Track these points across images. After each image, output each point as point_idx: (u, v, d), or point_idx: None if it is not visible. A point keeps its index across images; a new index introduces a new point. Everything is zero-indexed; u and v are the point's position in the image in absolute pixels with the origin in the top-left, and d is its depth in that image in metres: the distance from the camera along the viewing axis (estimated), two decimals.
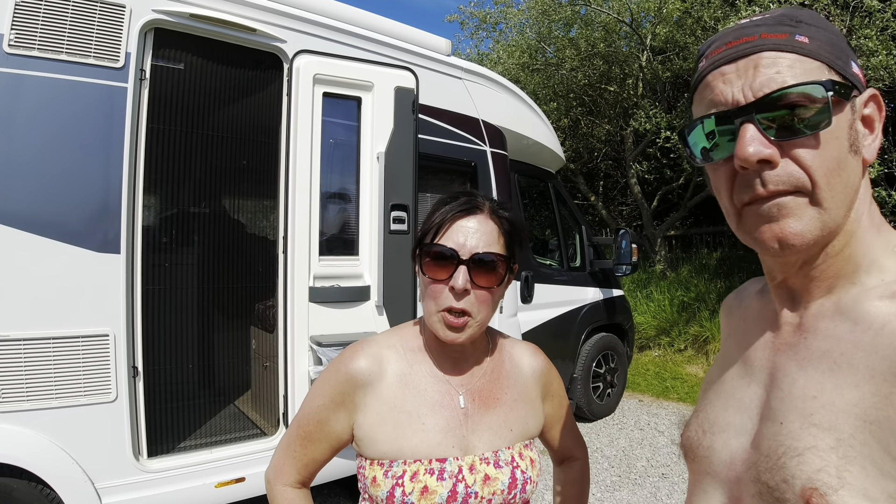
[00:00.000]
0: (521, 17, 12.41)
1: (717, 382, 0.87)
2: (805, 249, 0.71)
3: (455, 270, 1.11)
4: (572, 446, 1.42)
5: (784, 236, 0.70)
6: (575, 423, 1.42)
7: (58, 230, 2.60)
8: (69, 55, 2.63)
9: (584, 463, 1.44)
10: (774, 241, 0.70)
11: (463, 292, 1.10)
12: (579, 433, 1.44)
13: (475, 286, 1.11)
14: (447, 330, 1.13)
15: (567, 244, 6.09)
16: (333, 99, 3.45)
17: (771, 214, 0.70)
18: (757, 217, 0.71)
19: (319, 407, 1.19)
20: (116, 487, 2.74)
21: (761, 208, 0.71)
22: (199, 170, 3.83)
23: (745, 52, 0.71)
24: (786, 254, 0.71)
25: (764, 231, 0.71)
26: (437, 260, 1.12)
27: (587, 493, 1.43)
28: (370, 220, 3.52)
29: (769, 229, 0.71)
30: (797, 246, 0.70)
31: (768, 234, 0.71)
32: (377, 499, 1.11)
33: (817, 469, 0.64)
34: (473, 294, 1.11)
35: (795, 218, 0.69)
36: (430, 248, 1.14)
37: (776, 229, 0.70)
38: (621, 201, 14.33)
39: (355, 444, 1.19)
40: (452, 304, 1.11)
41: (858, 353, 0.67)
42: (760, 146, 0.68)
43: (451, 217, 1.14)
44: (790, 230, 0.69)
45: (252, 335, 4.33)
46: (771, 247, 0.71)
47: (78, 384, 2.63)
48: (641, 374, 7.82)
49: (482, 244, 1.12)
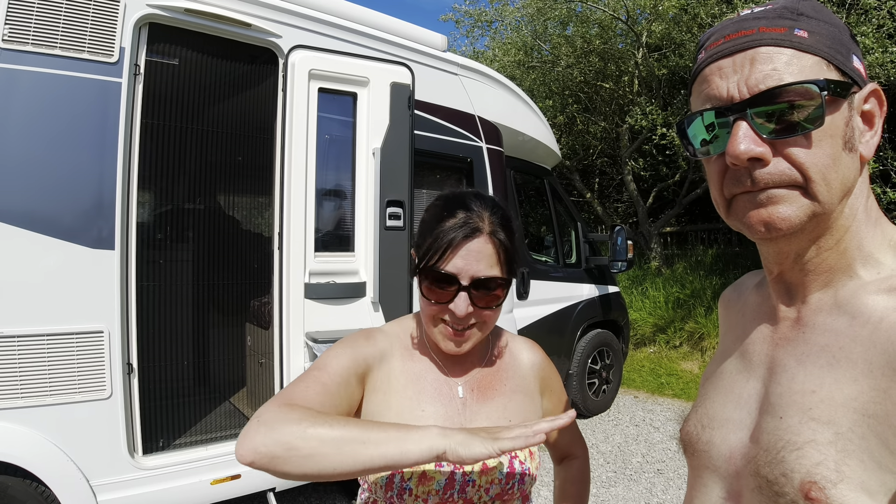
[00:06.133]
0: (516, 15, 12.40)
1: (715, 377, 0.88)
2: (792, 235, 0.71)
3: (455, 295, 1.12)
4: (572, 444, 1.41)
5: (772, 220, 0.70)
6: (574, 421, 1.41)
7: (51, 226, 2.59)
8: (63, 50, 2.61)
9: (584, 461, 1.43)
10: (761, 224, 0.70)
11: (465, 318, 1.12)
12: (579, 431, 1.43)
13: (476, 307, 1.13)
14: (447, 341, 1.16)
15: (563, 241, 6.09)
16: (329, 94, 3.44)
17: (760, 201, 0.70)
18: (747, 203, 0.72)
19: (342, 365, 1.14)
20: (112, 485, 2.73)
21: (752, 197, 0.71)
22: (193, 166, 3.81)
23: (742, 46, 0.70)
24: (773, 237, 0.71)
25: (752, 216, 0.71)
26: (437, 283, 1.13)
27: (587, 492, 1.41)
28: (366, 216, 3.52)
29: (757, 213, 0.71)
30: (783, 230, 0.70)
31: (755, 219, 0.71)
32: (376, 486, 1.12)
33: (816, 463, 0.64)
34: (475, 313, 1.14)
35: (785, 204, 0.69)
36: (430, 272, 1.13)
37: (764, 214, 0.70)
38: (617, 198, 14.36)
39: None
40: (454, 325, 1.14)
41: (857, 347, 0.67)
42: (752, 144, 0.68)
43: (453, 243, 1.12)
44: (778, 214, 0.69)
45: (247, 332, 4.32)
46: (758, 230, 0.71)
47: (72, 381, 2.62)
48: (637, 370, 7.84)
49: (483, 268, 1.12)
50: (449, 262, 1.12)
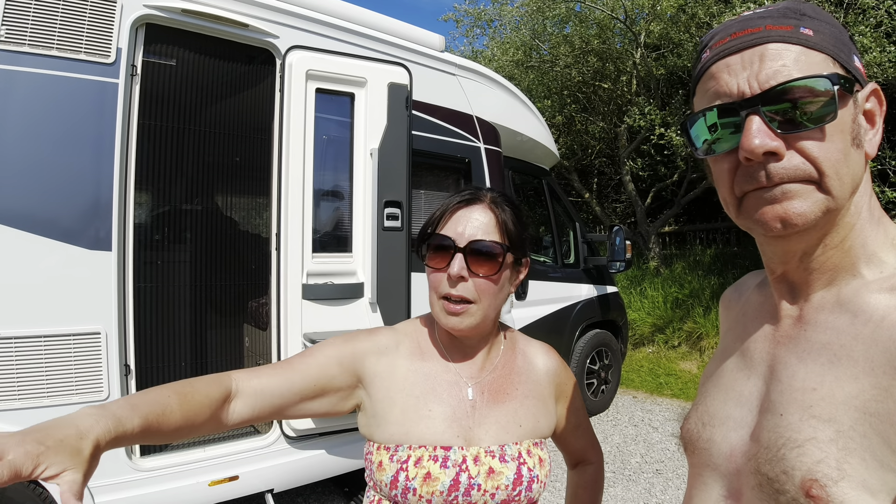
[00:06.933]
0: (515, 15, 12.41)
1: (716, 375, 0.87)
2: (806, 231, 0.70)
3: (452, 258, 1.13)
4: (586, 449, 1.40)
5: (787, 216, 0.69)
6: (590, 426, 1.39)
7: (48, 227, 2.58)
8: (60, 51, 2.60)
9: (599, 467, 1.42)
10: (777, 220, 0.70)
11: (458, 279, 1.12)
12: (594, 436, 1.41)
13: (473, 274, 1.13)
14: (448, 316, 1.15)
15: (561, 241, 6.10)
16: (326, 95, 3.44)
17: (774, 197, 0.70)
18: (759, 200, 0.71)
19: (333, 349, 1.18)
20: (109, 486, 2.73)
21: (765, 193, 0.70)
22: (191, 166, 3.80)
23: (750, 42, 0.71)
24: (788, 233, 0.71)
25: (766, 212, 0.70)
26: (436, 249, 1.15)
27: (600, 498, 1.40)
28: (363, 216, 3.51)
29: (771, 209, 0.70)
30: (799, 226, 0.69)
31: (770, 215, 0.70)
32: (382, 483, 1.11)
33: (817, 461, 0.64)
34: (472, 282, 1.13)
35: (800, 199, 0.69)
36: (429, 238, 1.17)
37: (779, 209, 0.69)
38: (615, 198, 14.37)
39: (365, 426, 1.19)
40: (449, 291, 1.13)
41: (858, 345, 0.67)
42: (766, 138, 0.68)
43: (451, 208, 1.17)
44: (793, 210, 0.69)
45: (245, 333, 4.31)
46: (773, 227, 0.70)
47: (69, 382, 2.61)
48: (635, 370, 7.84)
49: (479, 232, 1.14)
50: (446, 226, 1.16)
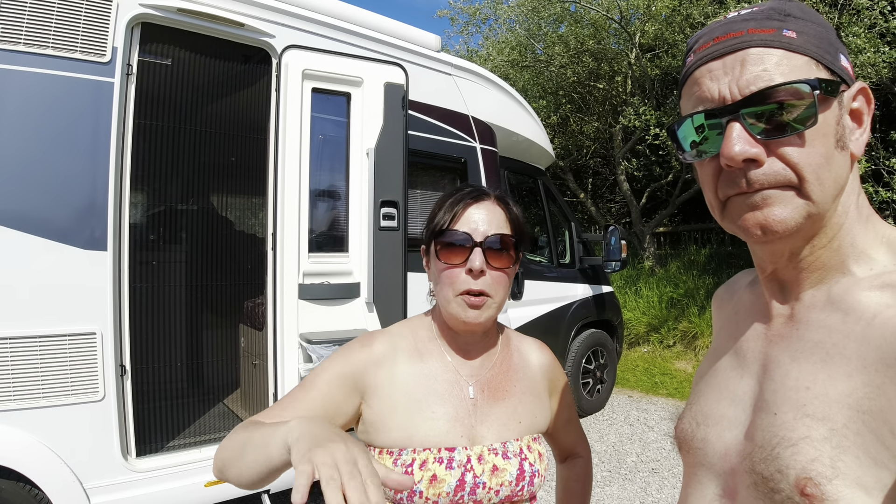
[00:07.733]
0: (510, 14, 12.42)
1: (709, 374, 0.88)
2: (788, 237, 0.71)
3: (471, 253, 1.15)
4: (576, 443, 1.43)
5: (767, 223, 0.70)
6: (578, 421, 1.43)
7: (43, 227, 2.57)
8: (56, 50, 2.59)
9: (587, 461, 1.45)
10: (757, 227, 0.70)
11: (480, 273, 1.15)
12: (582, 431, 1.44)
13: (491, 267, 1.15)
14: (468, 310, 1.16)
15: (556, 241, 6.10)
16: (322, 94, 3.43)
17: (755, 203, 0.70)
18: (741, 206, 0.72)
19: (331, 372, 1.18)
20: (105, 487, 2.72)
21: (747, 199, 0.71)
22: (186, 166, 3.80)
23: (732, 47, 0.71)
24: (769, 239, 0.71)
25: (747, 218, 0.71)
26: (452, 246, 1.17)
27: (590, 491, 1.43)
28: (360, 216, 3.51)
29: (752, 216, 0.71)
30: (780, 232, 0.70)
31: (751, 221, 0.71)
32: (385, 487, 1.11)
33: (811, 459, 0.65)
34: (489, 275, 1.16)
35: (780, 206, 0.69)
36: (444, 235, 1.18)
37: (759, 216, 0.70)
38: (610, 198, 14.40)
39: (363, 433, 1.19)
40: (471, 287, 1.15)
41: (850, 343, 0.67)
42: (746, 145, 0.68)
43: (462, 205, 1.19)
44: (773, 217, 0.69)
45: (241, 333, 4.30)
46: (754, 233, 0.71)
47: (65, 383, 2.60)
48: (631, 370, 7.86)
49: (494, 227, 1.17)
50: (460, 221, 1.18)
